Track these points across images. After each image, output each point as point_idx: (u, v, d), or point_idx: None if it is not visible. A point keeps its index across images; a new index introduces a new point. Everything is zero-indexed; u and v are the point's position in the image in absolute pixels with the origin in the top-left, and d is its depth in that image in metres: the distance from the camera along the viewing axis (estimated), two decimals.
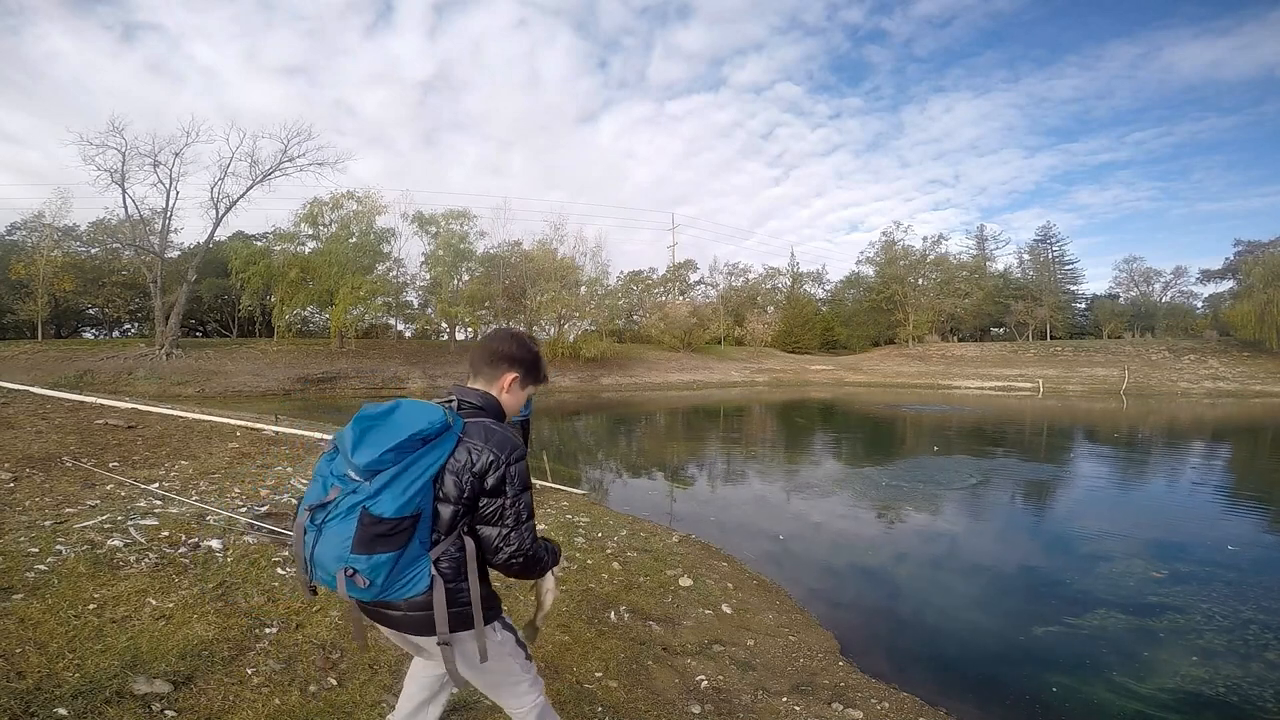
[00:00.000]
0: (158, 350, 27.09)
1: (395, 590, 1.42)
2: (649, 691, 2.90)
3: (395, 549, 1.40)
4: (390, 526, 1.38)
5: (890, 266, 49.98)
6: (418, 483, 1.42)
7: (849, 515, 7.09)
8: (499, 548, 1.52)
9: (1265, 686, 3.36)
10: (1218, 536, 6.22)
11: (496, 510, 1.51)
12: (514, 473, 1.52)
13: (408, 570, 1.43)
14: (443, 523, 1.48)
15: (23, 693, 2.14)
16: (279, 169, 29.41)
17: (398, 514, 1.38)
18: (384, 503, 1.38)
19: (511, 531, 1.51)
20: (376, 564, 1.38)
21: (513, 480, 1.52)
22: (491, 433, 1.54)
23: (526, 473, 1.58)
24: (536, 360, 1.76)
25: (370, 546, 1.38)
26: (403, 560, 1.41)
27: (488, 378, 1.70)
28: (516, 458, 1.54)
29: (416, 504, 1.41)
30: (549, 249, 40.12)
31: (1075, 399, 27.89)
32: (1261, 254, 38.65)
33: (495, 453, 1.51)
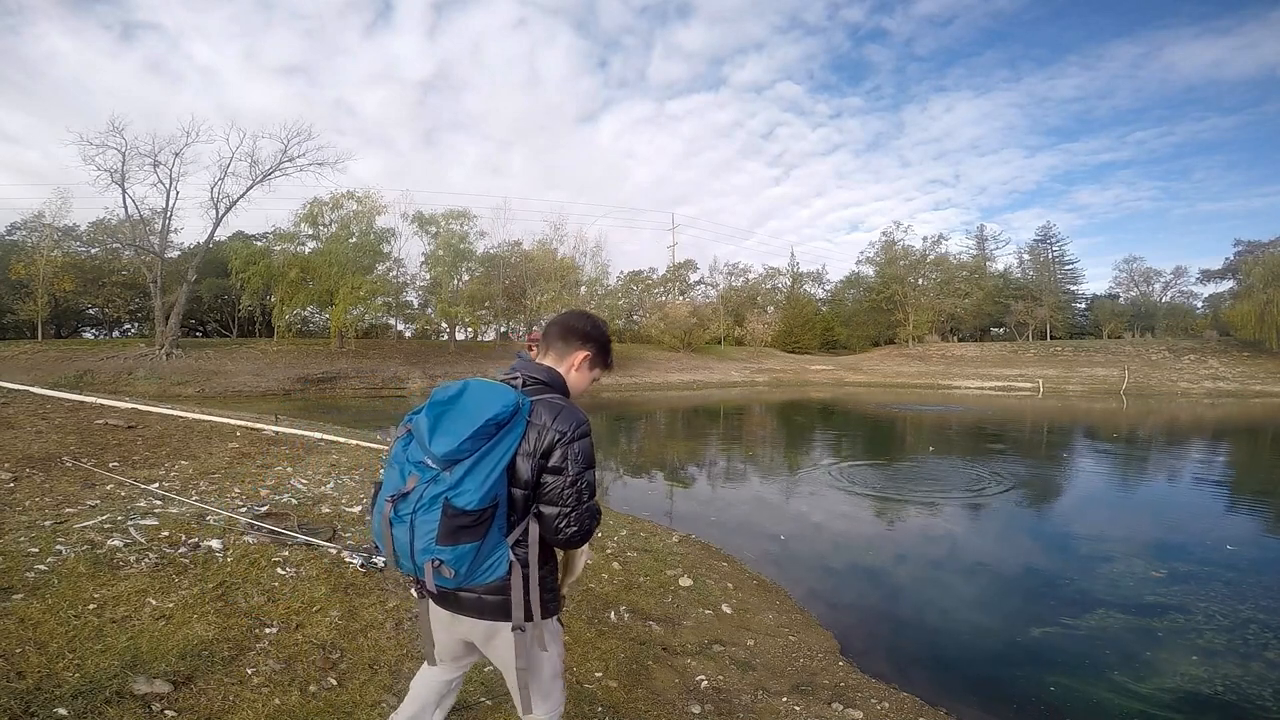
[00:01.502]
0: (158, 350, 27.10)
1: (477, 577, 1.45)
2: (649, 691, 2.90)
3: (478, 539, 1.41)
4: (473, 518, 1.39)
5: (890, 266, 49.99)
6: (495, 471, 1.41)
7: (849, 515, 7.09)
8: (559, 528, 1.47)
9: (1265, 685, 3.36)
10: (1217, 536, 6.22)
11: (557, 489, 1.47)
12: (577, 450, 1.48)
13: (489, 557, 1.45)
14: (517, 507, 1.48)
15: (23, 693, 2.14)
16: (279, 169, 29.44)
17: (480, 505, 1.39)
18: (466, 494, 1.38)
19: (573, 512, 1.47)
20: (461, 554, 1.40)
21: (576, 458, 1.47)
22: (557, 409, 1.51)
23: (590, 450, 1.53)
24: (609, 343, 1.74)
25: (454, 538, 1.39)
26: (484, 549, 1.43)
27: (559, 353, 1.68)
28: (580, 434, 1.49)
29: (495, 493, 1.42)
30: (549, 249, 40.18)
31: (1075, 399, 27.89)
32: (1261, 254, 38.66)
33: (559, 429, 1.48)
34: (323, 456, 7.00)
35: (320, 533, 4.26)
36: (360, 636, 2.94)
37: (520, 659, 1.55)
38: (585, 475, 1.48)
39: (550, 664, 1.63)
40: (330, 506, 5.02)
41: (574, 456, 1.46)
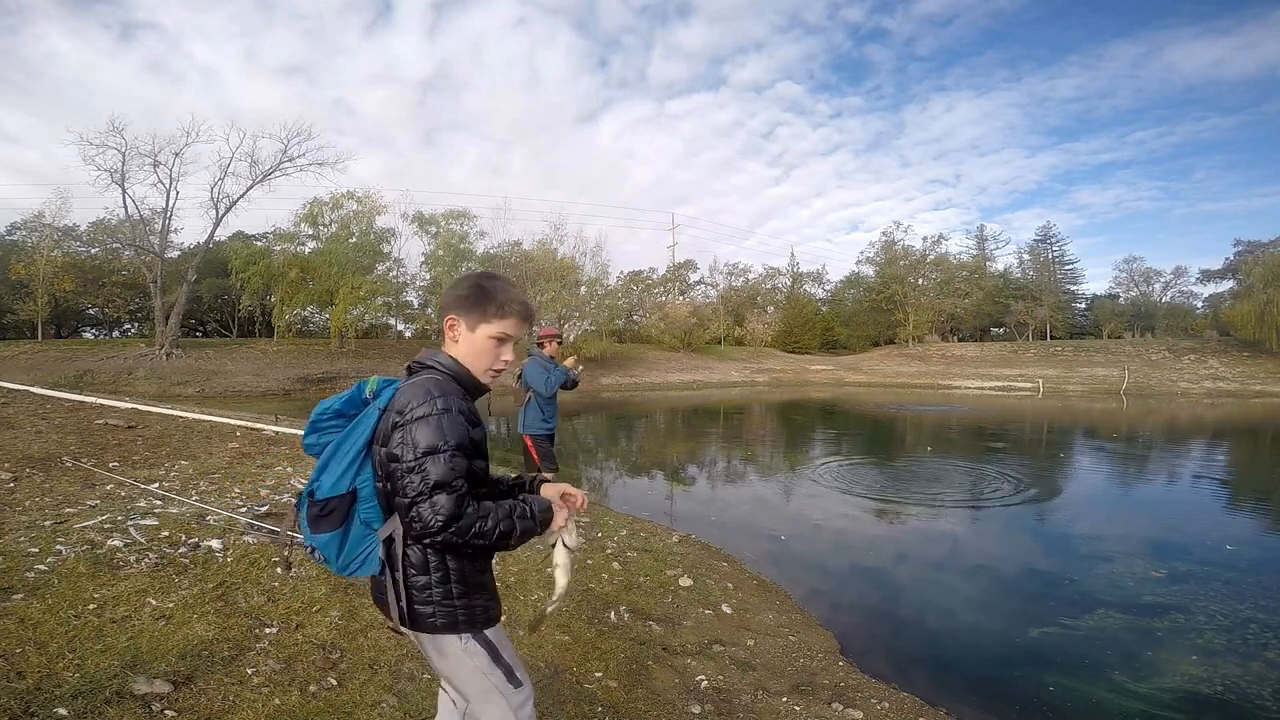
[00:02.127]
0: (158, 350, 27.09)
1: (354, 567, 1.40)
2: (649, 691, 2.90)
3: (334, 527, 1.37)
4: (320, 508, 1.37)
5: (890, 266, 49.97)
6: (345, 460, 1.37)
7: (848, 515, 7.09)
8: (409, 525, 1.28)
9: (1264, 685, 3.36)
10: (1217, 536, 6.22)
11: (398, 475, 1.28)
12: (415, 430, 1.28)
13: (356, 549, 1.40)
14: (388, 501, 1.38)
15: (23, 693, 2.14)
16: (279, 169, 29.44)
17: (328, 494, 1.36)
18: (320, 484, 1.37)
19: (413, 505, 1.25)
20: (322, 542, 1.38)
21: (413, 439, 1.28)
22: (407, 388, 1.37)
23: (442, 428, 1.29)
24: (479, 292, 1.43)
25: (315, 525, 1.38)
26: (349, 540, 1.39)
27: (443, 334, 1.50)
28: (423, 413, 1.29)
29: (350, 482, 1.36)
30: (549, 249, 40.13)
31: (1075, 399, 27.89)
32: (1261, 254, 38.65)
33: (399, 410, 1.33)
34: None
35: None
36: (360, 636, 2.94)
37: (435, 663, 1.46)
38: (431, 461, 1.26)
39: (472, 681, 1.43)
40: None
41: (410, 440, 1.28)
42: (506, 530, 1.33)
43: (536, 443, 5.33)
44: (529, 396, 5.33)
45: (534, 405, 5.33)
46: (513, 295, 1.46)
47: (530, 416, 5.34)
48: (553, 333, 5.50)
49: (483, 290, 1.44)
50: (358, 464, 1.37)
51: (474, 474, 1.37)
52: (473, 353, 1.45)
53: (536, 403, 5.33)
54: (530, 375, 5.29)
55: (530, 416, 5.34)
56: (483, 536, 1.30)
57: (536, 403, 5.33)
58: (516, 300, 1.46)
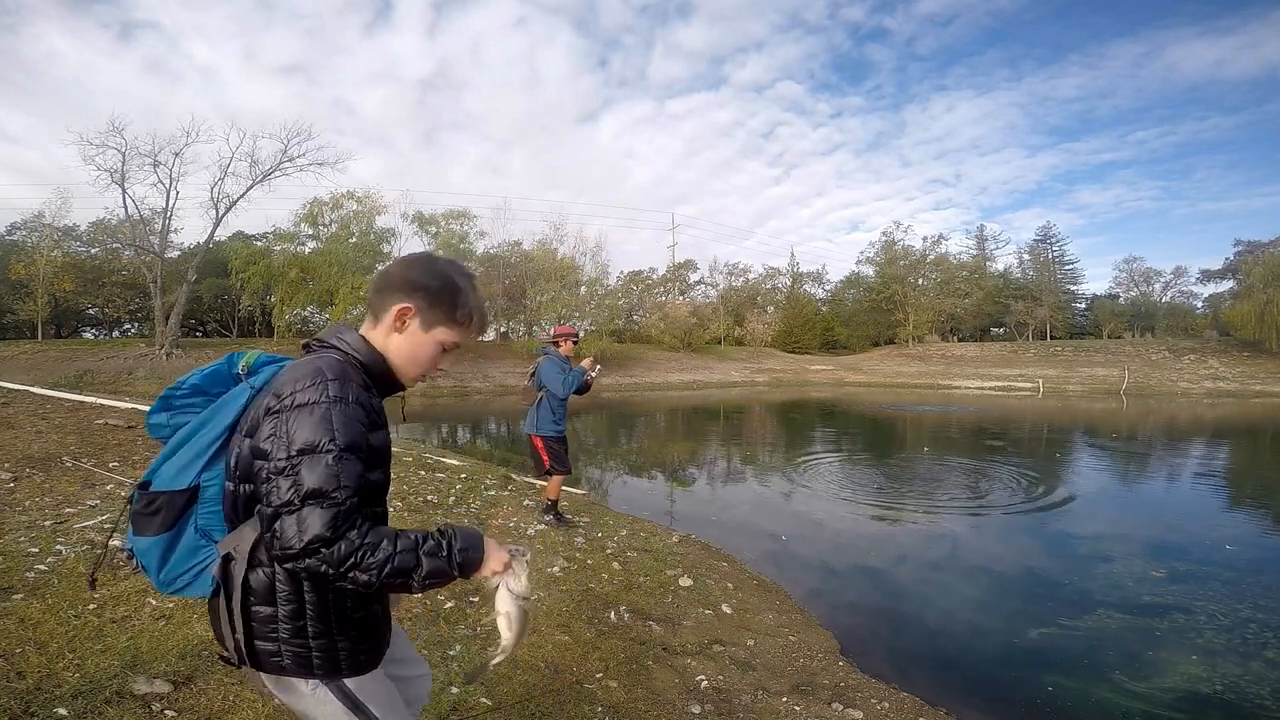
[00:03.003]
0: (158, 350, 27.10)
1: (180, 584, 1.12)
2: (649, 691, 2.90)
3: (159, 530, 1.09)
4: (147, 503, 1.10)
5: (890, 266, 49.99)
6: (196, 448, 1.11)
7: (849, 515, 7.09)
8: (269, 542, 1.00)
9: (1264, 685, 3.37)
10: (1216, 536, 6.22)
11: (264, 480, 1.01)
12: (293, 419, 1.01)
13: (186, 562, 1.11)
14: (240, 507, 1.10)
15: (23, 693, 2.14)
16: (279, 169, 29.42)
17: (163, 487, 1.10)
18: (162, 475, 1.11)
19: (277, 515, 0.98)
20: (143, 547, 1.11)
21: (288, 432, 1.01)
22: (292, 367, 1.12)
23: (330, 422, 1.02)
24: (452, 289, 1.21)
25: (138, 524, 1.11)
26: (179, 550, 1.11)
27: (373, 312, 1.22)
28: (308, 399, 1.02)
29: (193, 476, 1.09)
30: (549, 249, 40.14)
31: (1075, 399, 27.89)
32: (1261, 254, 38.66)
33: (276, 393, 1.06)
34: None
35: None
36: None
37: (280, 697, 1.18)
38: (315, 460, 0.99)
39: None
40: None
41: (288, 430, 1.01)
42: (404, 565, 1.02)
43: (548, 444, 5.25)
44: (541, 396, 5.25)
45: (545, 405, 5.26)
46: (480, 303, 1.27)
47: (541, 417, 5.25)
48: (568, 331, 5.42)
49: (456, 289, 1.21)
50: (209, 455, 1.10)
51: (367, 488, 1.07)
52: (412, 351, 1.21)
53: (549, 403, 5.25)
54: (546, 375, 5.21)
55: (541, 417, 5.25)
56: (366, 570, 0.99)
57: (549, 403, 5.25)
58: (481, 309, 1.27)
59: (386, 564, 1.00)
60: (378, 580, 1.00)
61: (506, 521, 5.34)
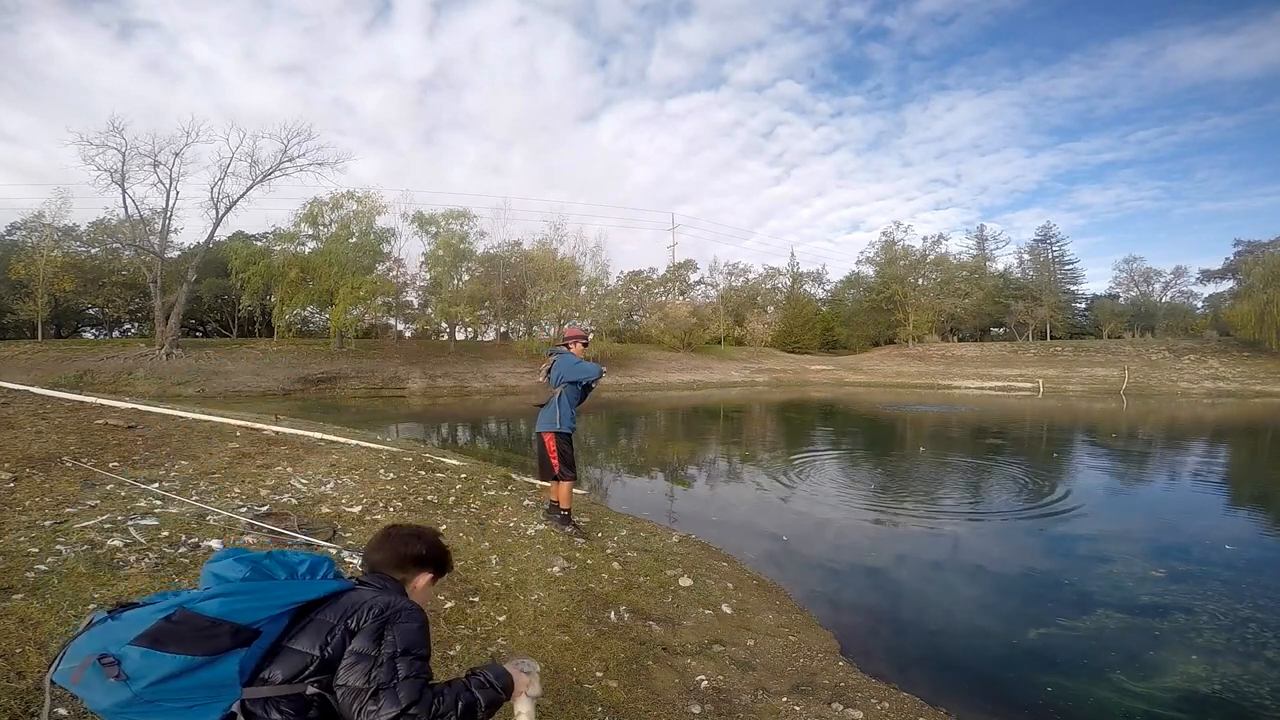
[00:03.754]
0: (158, 350, 27.12)
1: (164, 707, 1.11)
2: (649, 691, 2.90)
3: (198, 653, 1.13)
4: (207, 625, 1.16)
5: (890, 266, 50.01)
6: (273, 601, 1.27)
7: (849, 515, 7.09)
8: (365, 709, 1.20)
9: (1264, 685, 3.37)
10: (1216, 536, 6.22)
11: (365, 666, 1.25)
12: (398, 628, 1.32)
13: (198, 692, 1.13)
14: (284, 669, 1.25)
15: (23, 693, 2.14)
16: (279, 169, 29.49)
17: (226, 617, 1.19)
18: (213, 605, 1.20)
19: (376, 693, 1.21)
20: (155, 661, 1.10)
21: (395, 638, 1.30)
22: (385, 593, 1.43)
23: (424, 637, 1.37)
24: (444, 553, 1.66)
25: (159, 640, 1.11)
26: (200, 675, 1.13)
27: (397, 577, 1.57)
28: (411, 620, 1.36)
29: (260, 622, 1.24)
30: (549, 249, 40.17)
31: (1075, 399, 27.89)
32: (1261, 254, 38.70)
33: (380, 607, 1.35)
34: (323, 456, 7.00)
35: (320, 532, 4.26)
36: None
37: None
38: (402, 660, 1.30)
39: None
40: (330, 506, 5.02)
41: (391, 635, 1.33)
42: (470, 702, 1.31)
43: (559, 444, 5.22)
44: (559, 392, 5.24)
45: (565, 400, 5.23)
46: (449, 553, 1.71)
47: (563, 411, 5.21)
48: (579, 334, 5.46)
49: (445, 551, 1.67)
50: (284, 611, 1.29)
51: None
52: (424, 598, 1.60)
53: (567, 397, 5.25)
54: (564, 367, 5.24)
55: (563, 411, 5.21)
56: (443, 715, 1.26)
57: (567, 397, 5.25)
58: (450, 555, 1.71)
59: (458, 702, 1.29)
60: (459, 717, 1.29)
61: (506, 521, 5.34)
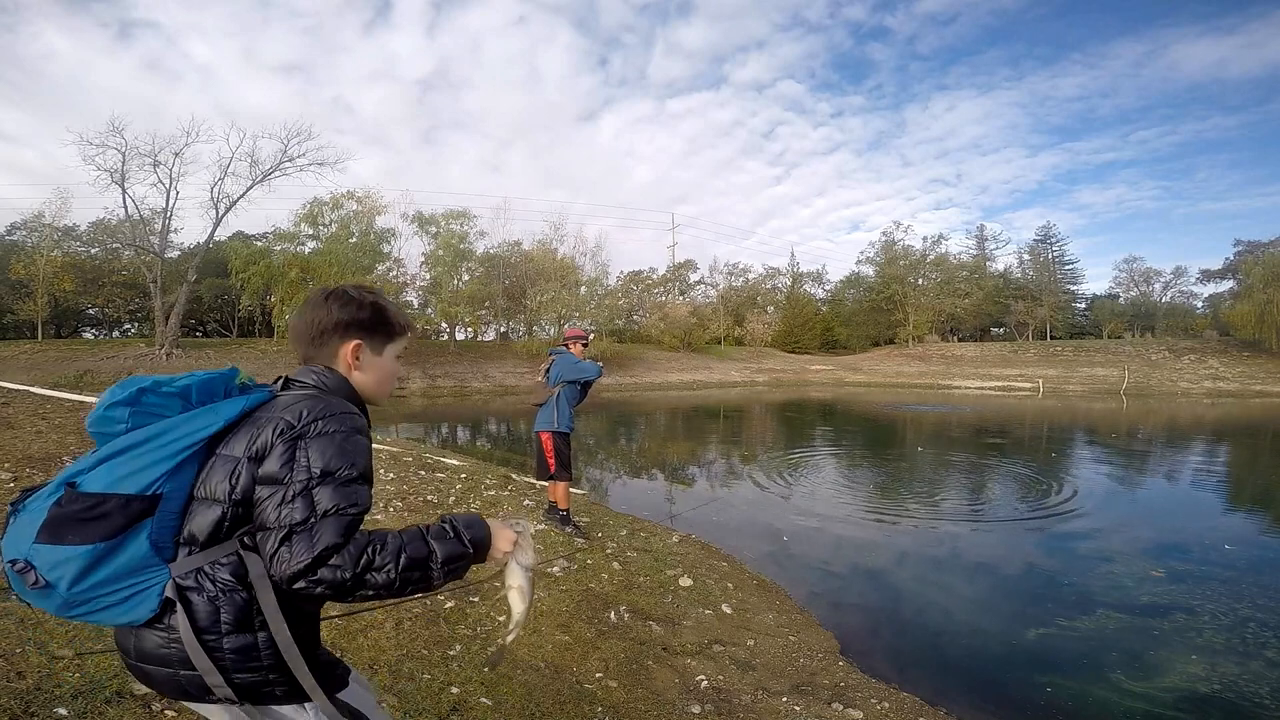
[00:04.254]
0: (158, 350, 27.12)
1: (104, 604, 0.98)
2: (649, 691, 2.90)
3: (93, 540, 0.95)
4: (87, 506, 0.96)
5: (890, 266, 50.02)
6: (167, 450, 1.02)
7: (849, 515, 7.09)
8: (277, 556, 0.97)
9: (1264, 684, 3.37)
10: (1216, 536, 6.22)
11: (276, 500, 1.00)
12: (311, 446, 1.03)
13: (123, 579, 0.98)
14: (200, 528, 1.03)
15: (23, 693, 2.14)
16: (279, 169, 29.52)
17: (109, 489, 0.97)
18: (101, 476, 0.98)
19: (289, 536, 0.97)
20: (59, 558, 0.94)
21: (307, 459, 1.02)
22: (301, 398, 1.11)
23: (347, 451, 1.06)
24: (379, 311, 1.27)
25: (60, 531, 0.95)
26: (116, 564, 0.97)
27: (323, 361, 1.24)
28: (327, 429, 1.05)
29: (159, 483, 1.00)
30: (549, 249, 40.21)
31: (1075, 399, 27.89)
32: (1261, 254, 38.70)
33: (290, 421, 1.05)
34: None
35: None
36: (360, 636, 2.94)
37: None
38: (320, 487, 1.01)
39: None
40: None
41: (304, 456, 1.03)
42: (418, 555, 1.02)
43: (556, 443, 5.23)
44: (558, 391, 5.27)
45: (564, 399, 5.27)
46: (398, 306, 1.34)
47: (561, 411, 5.23)
48: (579, 334, 5.51)
49: (381, 309, 1.28)
50: (177, 461, 1.02)
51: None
52: (379, 378, 1.29)
53: (566, 396, 5.28)
54: (563, 366, 5.28)
55: (561, 411, 5.23)
56: (382, 568, 0.99)
57: (566, 396, 5.28)
58: (403, 312, 1.35)
59: (399, 555, 1.01)
60: (397, 575, 1.00)
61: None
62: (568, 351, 5.36)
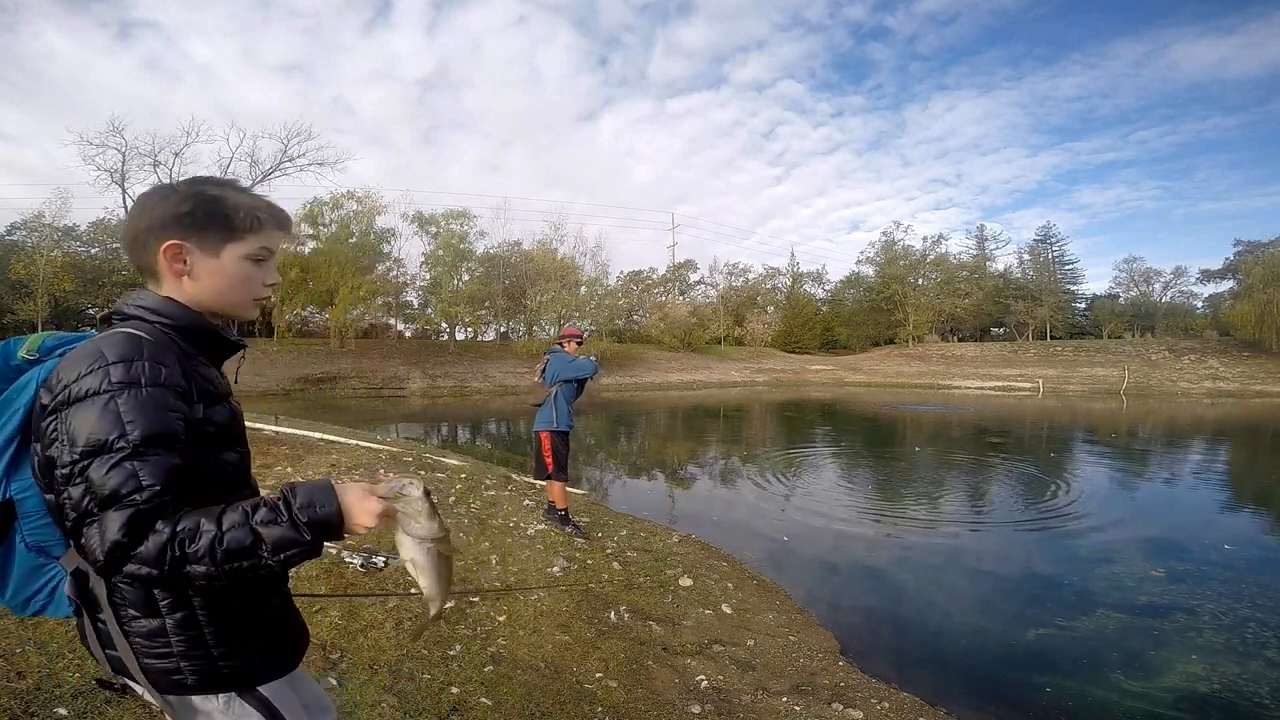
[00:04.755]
0: None
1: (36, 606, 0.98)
2: (649, 691, 2.90)
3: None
4: None
5: (890, 266, 50.04)
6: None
7: (849, 515, 7.09)
8: (80, 549, 0.85)
9: (1263, 684, 3.37)
10: (1216, 536, 6.22)
11: (60, 485, 0.86)
12: (72, 416, 0.85)
13: (32, 582, 0.97)
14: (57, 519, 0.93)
15: (23, 693, 2.14)
16: (279, 169, 29.54)
17: None
18: None
19: (77, 529, 0.84)
20: None
21: (69, 431, 0.85)
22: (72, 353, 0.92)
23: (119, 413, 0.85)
24: (210, 203, 0.99)
25: None
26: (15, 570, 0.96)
27: (148, 274, 1.02)
28: (87, 389, 0.86)
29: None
30: (549, 249, 40.23)
31: (1075, 399, 27.90)
32: (1261, 254, 38.72)
33: (49, 387, 0.89)
34: (323, 456, 7.00)
35: None
36: (360, 636, 2.94)
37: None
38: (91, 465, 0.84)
39: None
40: None
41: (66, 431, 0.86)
42: (239, 543, 0.84)
43: (554, 443, 5.25)
44: (555, 391, 5.29)
45: (561, 398, 5.30)
46: (255, 197, 1.06)
47: (559, 410, 5.27)
48: (574, 333, 5.58)
49: (211, 199, 0.99)
50: (3, 463, 0.93)
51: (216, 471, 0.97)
52: (227, 283, 1.02)
53: (564, 395, 5.32)
54: (559, 365, 5.31)
55: (559, 410, 5.27)
56: (196, 560, 0.83)
57: (564, 395, 5.32)
58: (260, 202, 1.06)
59: (215, 547, 0.83)
60: (216, 568, 0.84)
61: (506, 521, 5.34)
62: (562, 350, 5.40)
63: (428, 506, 1.01)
